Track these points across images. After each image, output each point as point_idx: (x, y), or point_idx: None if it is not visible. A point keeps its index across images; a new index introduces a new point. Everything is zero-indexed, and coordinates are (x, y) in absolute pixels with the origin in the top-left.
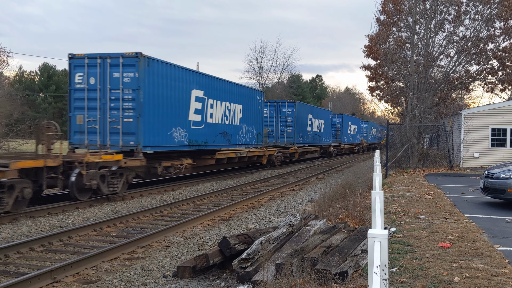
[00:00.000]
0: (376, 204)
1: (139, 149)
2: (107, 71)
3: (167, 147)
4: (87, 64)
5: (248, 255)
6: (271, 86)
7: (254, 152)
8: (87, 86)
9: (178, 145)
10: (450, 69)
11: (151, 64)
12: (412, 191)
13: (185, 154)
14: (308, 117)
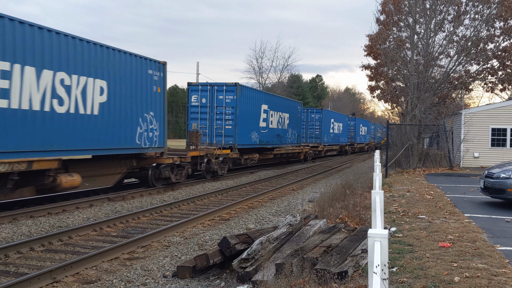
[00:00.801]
0: (376, 204)
1: (235, 146)
2: (214, 94)
3: (248, 145)
4: (200, 90)
5: (248, 255)
6: (271, 86)
7: (296, 149)
8: (200, 104)
9: (253, 144)
10: (450, 69)
11: (243, 90)
12: (412, 191)
13: (255, 150)
14: (331, 121)
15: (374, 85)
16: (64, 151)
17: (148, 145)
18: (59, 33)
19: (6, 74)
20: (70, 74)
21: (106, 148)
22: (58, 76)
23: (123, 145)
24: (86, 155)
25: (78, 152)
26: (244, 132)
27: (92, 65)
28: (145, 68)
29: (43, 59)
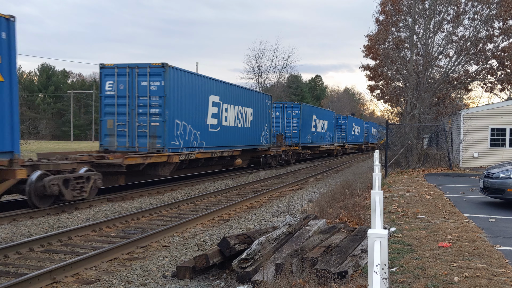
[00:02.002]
0: (376, 204)
1: (299, 144)
2: None
3: (306, 143)
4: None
5: (248, 255)
6: (271, 86)
7: (331, 147)
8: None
9: (308, 143)
10: (449, 69)
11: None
12: (411, 191)
13: (308, 147)
14: (352, 125)
15: (373, 85)
16: (236, 146)
17: (264, 143)
18: (321, 108)
19: (318, 122)
20: (243, 106)
21: (249, 145)
22: (238, 108)
23: (256, 144)
24: (240, 149)
25: (240, 147)
26: (302, 134)
27: (247, 100)
28: (264, 99)
29: (232, 99)
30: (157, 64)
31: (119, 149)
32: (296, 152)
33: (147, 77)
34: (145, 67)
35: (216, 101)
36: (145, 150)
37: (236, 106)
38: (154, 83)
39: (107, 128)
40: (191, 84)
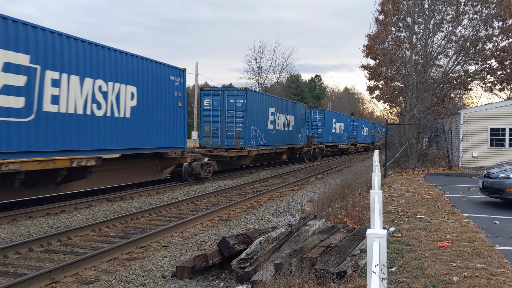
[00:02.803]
0: (375, 204)
1: (323, 143)
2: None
3: (328, 143)
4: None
5: (247, 255)
6: (270, 86)
7: (346, 146)
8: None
9: (330, 142)
10: (449, 69)
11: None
12: (411, 191)
13: (329, 146)
14: (362, 127)
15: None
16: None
17: (300, 143)
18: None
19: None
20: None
21: (291, 144)
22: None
23: (295, 143)
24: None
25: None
26: (327, 135)
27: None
28: (301, 108)
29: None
30: (242, 88)
31: (213, 146)
32: (321, 150)
33: (234, 97)
34: (233, 90)
35: (273, 111)
36: (232, 147)
37: (284, 115)
38: (238, 101)
39: (205, 132)
40: (259, 100)
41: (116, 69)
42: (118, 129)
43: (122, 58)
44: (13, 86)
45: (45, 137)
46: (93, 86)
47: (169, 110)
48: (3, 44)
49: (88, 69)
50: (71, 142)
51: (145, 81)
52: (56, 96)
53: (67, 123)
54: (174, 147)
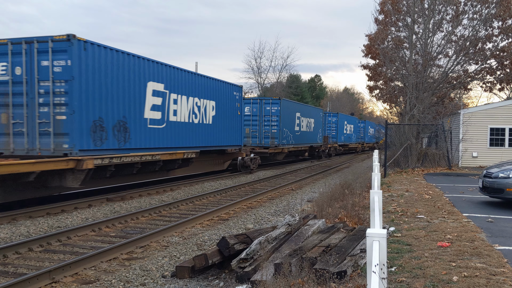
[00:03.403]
0: (375, 203)
1: (336, 143)
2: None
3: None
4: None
5: (247, 255)
6: (270, 86)
7: (355, 145)
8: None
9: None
10: (449, 69)
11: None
12: (410, 190)
13: (341, 145)
14: (368, 127)
15: (373, 85)
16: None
17: (319, 142)
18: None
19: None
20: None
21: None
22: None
23: (315, 142)
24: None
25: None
26: (340, 136)
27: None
28: (319, 112)
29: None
30: (276, 98)
31: (253, 145)
32: (335, 148)
33: (270, 105)
34: (269, 99)
35: (299, 116)
36: (268, 145)
37: (307, 118)
38: (273, 108)
39: (245, 133)
40: (289, 107)
41: (204, 89)
42: (205, 132)
43: (206, 80)
44: (156, 105)
45: (170, 138)
46: (193, 102)
47: (232, 117)
48: (152, 78)
49: (190, 91)
50: (183, 141)
51: (220, 96)
52: (175, 110)
53: (180, 129)
54: (234, 145)
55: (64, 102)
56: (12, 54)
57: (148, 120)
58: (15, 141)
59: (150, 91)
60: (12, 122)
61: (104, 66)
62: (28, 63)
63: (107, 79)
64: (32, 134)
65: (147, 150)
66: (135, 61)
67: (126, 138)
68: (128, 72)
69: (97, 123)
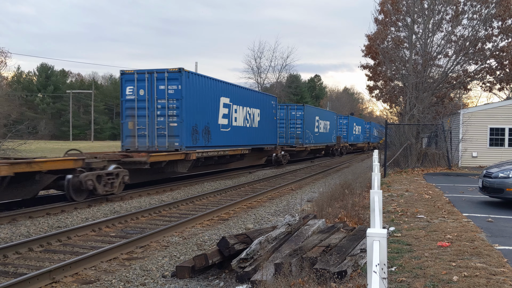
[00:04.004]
0: (375, 203)
1: (347, 142)
2: None
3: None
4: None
5: (247, 255)
6: (270, 86)
7: (362, 144)
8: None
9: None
10: (449, 69)
11: None
12: (410, 190)
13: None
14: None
15: (373, 85)
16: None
17: (333, 142)
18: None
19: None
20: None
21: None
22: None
23: (330, 142)
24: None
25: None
26: (350, 136)
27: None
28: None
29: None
30: (300, 104)
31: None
32: (346, 147)
33: (295, 111)
34: (294, 105)
35: (318, 119)
36: (294, 145)
37: (324, 121)
38: (298, 113)
39: (278, 134)
40: (310, 112)
41: (252, 100)
42: (253, 134)
43: (254, 93)
44: (225, 114)
45: (233, 139)
46: (246, 111)
47: (270, 121)
48: (223, 94)
49: (244, 102)
50: (240, 141)
51: (262, 105)
52: (236, 117)
53: (239, 131)
54: (271, 144)
55: (175, 114)
56: (138, 81)
57: (220, 125)
58: (138, 141)
59: (222, 103)
60: (137, 128)
61: (198, 88)
62: (148, 87)
63: (199, 96)
64: (152, 136)
65: (220, 148)
66: (213, 82)
67: (209, 138)
68: (209, 91)
69: (194, 128)
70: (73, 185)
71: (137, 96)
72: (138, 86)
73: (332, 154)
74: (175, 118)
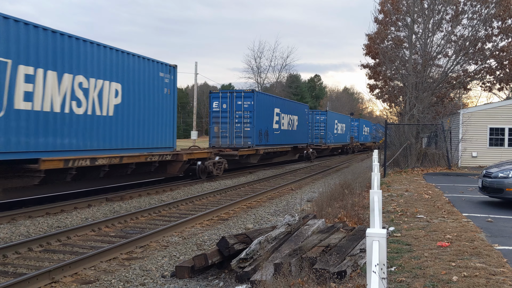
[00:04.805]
0: (375, 203)
1: (358, 142)
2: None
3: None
4: (221, 97)
5: (247, 255)
6: (270, 86)
7: (369, 144)
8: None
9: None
10: (448, 69)
11: None
12: (410, 190)
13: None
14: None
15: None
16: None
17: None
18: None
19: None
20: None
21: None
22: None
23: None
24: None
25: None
26: (360, 136)
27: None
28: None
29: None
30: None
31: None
32: (357, 146)
33: (319, 115)
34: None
35: (336, 122)
36: (318, 144)
37: (340, 123)
38: (321, 117)
39: (312, 134)
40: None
41: (293, 109)
42: (293, 135)
43: (294, 103)
44: (277, 120)
45: (282, 139)
46: (289, 117)
47: (305, 125)
48: (275, 106)
49: (288, 110)
50: (286, 141)
51: (298, 112)
52: (283, 123)
53: (285, 134)
54: (304, 143)
55: (249, 121)
56: (221, 98)
57: (274, 129)
58: (221, 140)
59: (275, 113)
60: (220, 131)
61: (262, 102)
62: (229, 102)
63: (263, 108)
64: (231, 137)
65: (274, 146)
66: (270, 98)
67: (267, 139)
68: (268, 104)
69: (259, 131)
70: (201, 168)
71: (221, 108)
72: (221, 101)
73: (346, 152)
74: (248, 124)
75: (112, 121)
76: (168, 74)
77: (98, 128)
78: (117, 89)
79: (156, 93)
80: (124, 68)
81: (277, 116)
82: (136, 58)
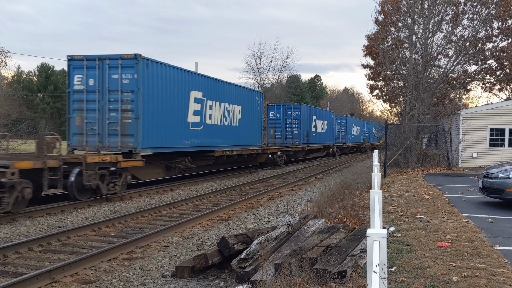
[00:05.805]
0: (375, 203)
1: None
2: None
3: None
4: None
5: (247, 255)
6: (270, 86)
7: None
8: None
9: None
10: (449, 69)
11: None
12: (410, 191)
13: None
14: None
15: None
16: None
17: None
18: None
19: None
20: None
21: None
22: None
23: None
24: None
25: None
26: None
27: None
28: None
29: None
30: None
31: None
32: (368, 146)
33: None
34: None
35: (353, 125)
36: (340, 144)
37: (356, 126)
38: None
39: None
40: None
41: (324, 115)
42: (324, 136)
43: (324, 111)
44: (313, 125)
45: (318, 139)
46: (323, 123)
47: (331, 128)
48: (313, 114)
49: (322, 117)
50: (320, 140)
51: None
52: (317, 126)
53: (320, 135)
54: (330, 142)
55: (297, 126)
56: (276, 109)
57: (312, 131)
58: (276, 140)
59: (313, 119)
60: (275, 134)
61: (305, 112)
62: (282, 112)
63: (307, 117)
64: (283, 137)
65: (313, 144)
66: (310, 108)
67: (308, 139)
68: (308, 113)
69: (304, 133)
70: (272, 159)
71: (275, 117)
72: (276, 111)
73: (360, 151)
74: (296, 128)
75: (237, 129)
76: (259, 98)
77: (233, 133)
78: (239, 110)
79: (254, 110)
80: (241, 96)
81: (314, 122)
82: (246, 89)
